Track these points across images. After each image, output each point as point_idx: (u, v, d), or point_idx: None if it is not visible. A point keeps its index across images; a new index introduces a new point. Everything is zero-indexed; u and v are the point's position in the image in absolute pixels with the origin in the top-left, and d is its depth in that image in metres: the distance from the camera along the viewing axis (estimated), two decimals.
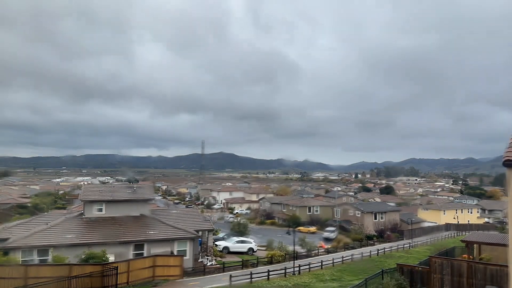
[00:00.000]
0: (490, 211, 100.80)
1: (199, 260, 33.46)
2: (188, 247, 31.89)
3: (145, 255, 29.50)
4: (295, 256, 35.57)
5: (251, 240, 45.39)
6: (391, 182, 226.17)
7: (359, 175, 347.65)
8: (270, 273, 29.32)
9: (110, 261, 25.92)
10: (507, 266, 15.77)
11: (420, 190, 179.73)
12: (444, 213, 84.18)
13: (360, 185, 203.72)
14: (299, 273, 31.91)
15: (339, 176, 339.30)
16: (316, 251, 45.34)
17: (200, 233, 35.33)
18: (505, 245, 26.11)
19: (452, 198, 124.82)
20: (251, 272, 28.58)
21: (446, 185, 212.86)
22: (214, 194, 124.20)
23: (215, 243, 41.57)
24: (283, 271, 30.78)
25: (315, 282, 29.09)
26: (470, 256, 33.21)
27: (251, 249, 42.80)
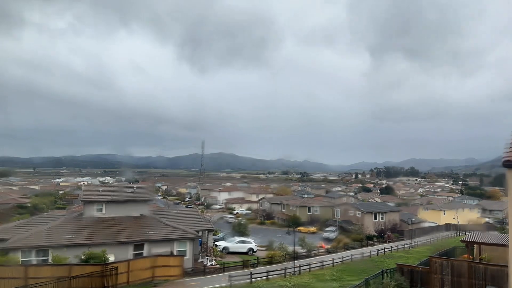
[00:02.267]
0: (490, 211, 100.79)
1: (199, 260, 33.46)
2: (188, 247, 31.89)
3: (145, 255, 29.50)
4: (295, 256, 35.60)
5: (251, 240, 45.40)
6: (391, 182, 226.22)
7: (359, 175, 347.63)
8: (270, 273, 29.33)
9: (110, 261, 25.95)
10: (507, 266, 15.77)
11: (420, 190, 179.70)
12: (444, 213, 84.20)
13: (360, 185, 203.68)
14: (299, 273, 31.91)
15: (339, 176, 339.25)
16: (316, 251, 45.34)
17: (200, 233, 35.34)
18: (505, 245, 26.13)
19: (452, 198, 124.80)
20: (251, 272, 28.59)
21: (446, 185, 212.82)
22: (214, 194, 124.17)
23: (215, 243, 41.58)
24: (283, 271, 30.77)
25: (315, 282, 29.10)
26: (470, 256, 33.19)
27: (251, 249, 42.80)
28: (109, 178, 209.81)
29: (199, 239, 35.08)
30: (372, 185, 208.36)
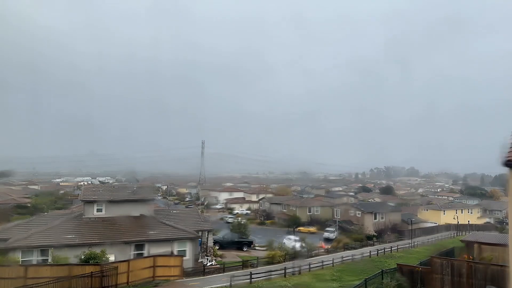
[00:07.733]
0: (491, 211, 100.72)
1: (199, 260, 33.47)
2: (188, 247, 31.90)
3: (145, 255, 29.51)
4: (295, 256, 35.57)
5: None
6: (391, 182, 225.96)
7: (359, 175, 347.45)
8: (270, 273, 29.32)
9: (110, 261, 25.96)
10: (507, 266, 15.77)
11: (420, 190, 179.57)
12: (444, 213, 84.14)
13: (360, 185, 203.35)
14: (299, 273, 31.91)
15: (340, 176, 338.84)
16: (316, 251, 45.33)
17: (200, 233, 35.34)
18: (505, 245, 26.12)
19: (452, 198, 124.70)
20: (251, 272, 28.56)
21: (446, 185, 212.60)
22: (214, 194, 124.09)
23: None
24: (283, 271, 30.78)
25: (315, 282, 29.10)
26: (470, 256, 33.22)
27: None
28: (109, 178, 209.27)
29: (199, 239, 35.09)
30: (372, 185, 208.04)
